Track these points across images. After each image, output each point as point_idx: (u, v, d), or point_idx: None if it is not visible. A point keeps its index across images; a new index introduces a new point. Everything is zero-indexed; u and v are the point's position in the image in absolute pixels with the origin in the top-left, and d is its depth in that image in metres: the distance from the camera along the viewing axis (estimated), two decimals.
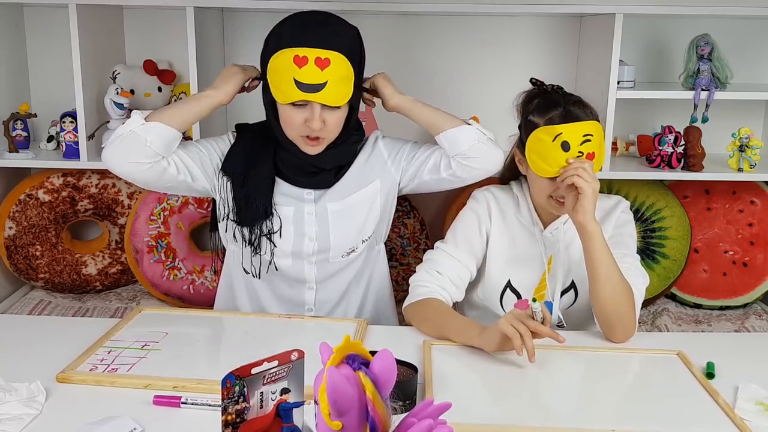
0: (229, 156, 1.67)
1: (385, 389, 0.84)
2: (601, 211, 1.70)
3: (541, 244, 1.69)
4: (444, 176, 1.67)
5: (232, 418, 0.90)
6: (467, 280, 1.69)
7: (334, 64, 1.50)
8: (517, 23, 2.54)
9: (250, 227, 1.64)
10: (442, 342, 1.49)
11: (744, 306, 2.56)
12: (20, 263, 2.44)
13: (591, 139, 1.55)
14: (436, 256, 1.69)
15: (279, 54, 1.52)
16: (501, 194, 1.74)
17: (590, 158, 1.55)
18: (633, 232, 1.70)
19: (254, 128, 1.71)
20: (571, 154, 1.54)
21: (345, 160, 1.69)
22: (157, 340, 1.47)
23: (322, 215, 1.67)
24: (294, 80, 1.49)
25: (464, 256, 1.68)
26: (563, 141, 1.54)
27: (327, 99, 1.52)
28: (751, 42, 2.55)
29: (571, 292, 1.70)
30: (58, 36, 2.44)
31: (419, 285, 1.64)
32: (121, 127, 1.56)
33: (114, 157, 1.56)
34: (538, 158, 1.58)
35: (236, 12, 2.49)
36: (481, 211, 1.71)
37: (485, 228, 1.71)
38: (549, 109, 1.59)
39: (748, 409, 1.24)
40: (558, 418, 1.22)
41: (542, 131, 1.56)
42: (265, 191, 1.63)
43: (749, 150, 2.26)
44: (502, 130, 2.64)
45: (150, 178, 1.58)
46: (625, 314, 1.51)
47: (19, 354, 1.42)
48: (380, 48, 2.54)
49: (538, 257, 1.69)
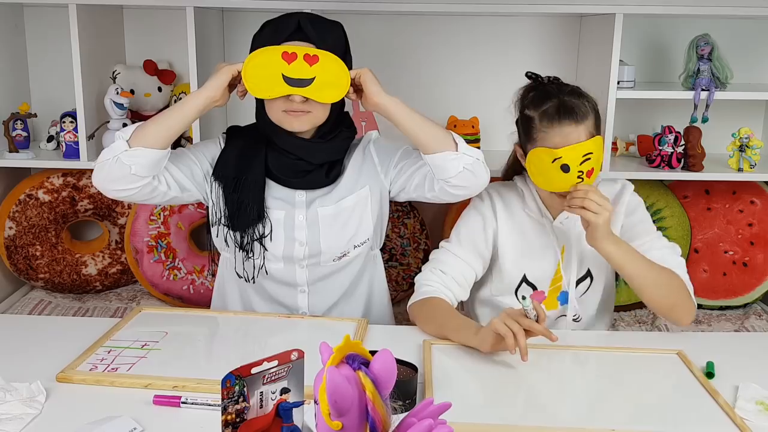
0: (220, 160, 1.65)
1: (385, 389, 0.84)
2: (609, 197, 1.66)
3: (552, 235, 1.68)
4: (428, 196, 1.64)
5: (231, 418, 0.90)
6: (472, 279, 1.69)
7: (323, 61, 1.49)
8: (517, 23, 2.54)
9: (241, 231, 1.64)
10: (443, 342, 1.48)
11: (744, 306, 2.56)
12: (20, 263, 2.44)
13: (591, 157, 1.54)
14: (441, 255, 1.69)
15: (267, 48, 1.49)
16: (505, 191, 1.73)
17: (589, 175, 1.55)
18: (646, 213, 1.70)
19: (245, 131, 1.70)
20: (570, 175, 1.53)
21: (335, 156, 1.66)
22: (157, 340, 1.47)
23: (312, 220, 1.66)
24: (282, 75, 1.48)
25: (468, 256, 1.68)
26: (563, 164, 1.53)
27: (315, 95, 1.50)
28: (751, 42, 2.55)
29: (587, 280, 1.71)
30: (58, 36, 2.44)
31: (423, 284, 1.64)
32: (106, 151, 1.51)
33: (102, 183, 1.53)
34: (539, 174, 1.58)
35: (236, 12, 2.49)
36: (486, 209, 1.70)
37: (491, 227, 1.69)
38: (544, 101, 1.58)
39: (749, 408, 1.24)
40: (558, 418, 1.22)
41: (542, 151, 1.55)
42: (258, 195, 1.62)
43: (749, 150, 2.26)
44: (501, 130, 2.63)
45: (140, 197, 1.57)
46: (680, 301, 1.55)
47: (19, 354, 1.42)
48: (378, 48, 2.54)
49: (551, 248, 1.69)
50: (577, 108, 1.56)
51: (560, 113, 1.55)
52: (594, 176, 1.57)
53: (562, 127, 1.54)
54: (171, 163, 1.59)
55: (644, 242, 1.63)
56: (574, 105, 1.56)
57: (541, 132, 1.57)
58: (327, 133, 1.63)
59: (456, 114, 2.48)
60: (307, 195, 1.67)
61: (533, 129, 1.59)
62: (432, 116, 1.57)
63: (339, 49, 1.55)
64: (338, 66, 1.50)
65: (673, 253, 1.64)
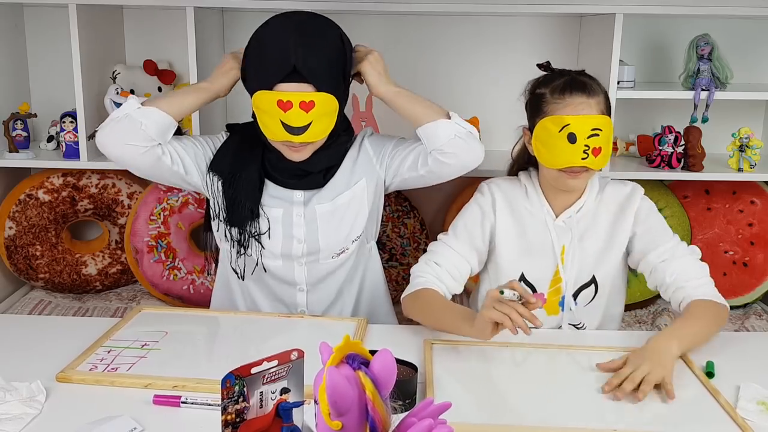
0: (217, 155, 1.66)
1: (385, 389, 0.84)
2: (617, 200, 1.65)
3: (553, 233, 1.64)
4: (422, 173, 1.64)
5: (231, 418, 0.90)
6: (467, 273, 1.66)
7: (318, 105, 1.50)
8: (517, 23, 2.54)
9: (238, 227, 1.64)
10: (443, 341, 1.48)
11: (744, 306, 2.56)
12: (20, 263, 2.44)
13: (599, 133, 1.51)
14: (437, 247, 1.66)
15: (263, 94, 1.51)
16: (507, 185, 1.70)
17: (596, 153, 1.52)
18: (659, 216, 1.65)
19: (244, 128, 1.70)
20: (577, 146, 1.50)
21: (333, 162, 1.67)
22: (157, 340, 1.47)
23: (310, 217, 1.66)
24: (281, 122, 1.51)
25: (464, 249, 1.64)
26: (570, 132, 1.51)
27: (311, 137, 1.53)
28: (751, 42, 2.55)
29: (591, 288, 1.66)
30: (58, 36, 2.44)
31: (417, 275, 1.62)
32: (116, 111, 1.56)
33: (108, 138, 1.55)
34: (544, 148, 1.55)
35: (236, 12, 2.49)
36: (485, 203, 1.67)
37: (489, 222, 1.66)
38: (555, 78, 1.58)
39: (750, 409, 1.24)
40: (559, 418, 1.22)
41: (549, 120, 1.53)
42: (252, 193, 1.63)
43: (749, 150, 2.26)
44: (502, 130, 2.64)
45: (144, 164, 1.57)
46: (721, 320, 1.53)
47: (19, 354, 1.42)
48: (379, 48, 2.52)
49: (551, 248, 1.64)
50: (588, 83, 1.55)
51: (571, 86, 1.54)
52: (602, 158, 1.53)
53: (573, 98, 1.53)
54: (176, 141, 1.62)
55: (665, 251, 1.58)
56: (586, 81, 1.55)
57: (552, 104, 1.55)
58: (326, 141, 1.62)
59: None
60: (305, 194, 1.67)
61: (543, 103, 1.57)
62: None
63: (336, 72, 1.55)
64: (331, 102, 1.53)
65: (695, 262, 1.59)
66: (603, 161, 1.55)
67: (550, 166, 1.56)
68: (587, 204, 1.64)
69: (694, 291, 1.54)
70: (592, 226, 1.64)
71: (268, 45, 1.53)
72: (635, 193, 1.65)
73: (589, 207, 1.64)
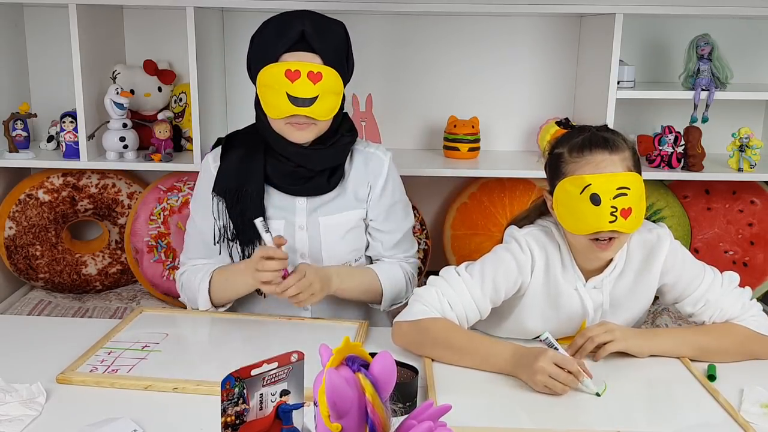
0: (219, 176, 1.64)
1: (384, 391, 0.84)
2: (642, 251, 1.51)
3: (585, 297, 1.50)
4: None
5: (231, 420, 0.90)
6: (474, 321, 1.49)
7: (325, 78, 1.51)
8: (517, 23, 2.54)
9: (245, 245, 1.63)
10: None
11: None
12: (20, 263, 2.44)
13: (627, 192, 1.36)
14: (453, 282, 1.47)
15: (270, 67, 1.51)
16: (545, 241, 1.51)
17: (625, 215, 1.36)
18: (687, 257, 1.52)
19: (242, 137, 1.67)
20: (602, 208, 1.36)
21: (336, 162, 1.65)
22: (158, 341, 1.47)
23: (314, 229, 1.64)
24: (287, 94, 1.50)
25: (483, 299, 1.47)
26: (592, 193, 1.36)
27: (317, 113, 1.53)
28: (751, 42, 2.55)
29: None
30: (58, 36, 2.44)
31: (423, 305, 1.45)
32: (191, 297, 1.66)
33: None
34: (567, 212, 1.42)
35: (236, 12, 2.49)
36: (524, 262, 1.48)
37: (522, 280, 1.49)
38: (573, 136, 1.45)
39: (754, 411, 1.24)
40: (560, 421, 1.22)
41: (569, 181, 1.40)
42: (259, 207, 1.61)
43: (749, 150, 2.26)
44: (501, 130, 2.64)
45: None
46: (756, 347, 1.45)
47: (20, 355, 1.42)
48: (379, 48, 2.54)
49: (579, 313, 1.51)
50: (610, 138, 1.41)
51: (591, 142, 1.41)
52: (633, 220, 1.38)
53: (594, 155, 1.39)
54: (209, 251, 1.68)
55: (700, 297, 1.48)
56: (608, 136, 1.41)
57: (571, 164, 1.41)
58: (327, 138, 1.61)
59: (456, 114, 2.48)
60: (308, 202, 1.64)
61: (562, 163, 1.43)
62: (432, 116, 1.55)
63: (341, 53, 1.55)
64: (337, 80, 1.53)
65: (734, 294, 1.49)
66: (636, 223, 1.40)
67: (576, 233, 1.41)
68: (618, 265, 1.51)
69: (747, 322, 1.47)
70: (619, 281, 1.52)
71: (273, 22, 1.55)
72: (662, 242, 1.50)
73: (620, 268, 1.51)
